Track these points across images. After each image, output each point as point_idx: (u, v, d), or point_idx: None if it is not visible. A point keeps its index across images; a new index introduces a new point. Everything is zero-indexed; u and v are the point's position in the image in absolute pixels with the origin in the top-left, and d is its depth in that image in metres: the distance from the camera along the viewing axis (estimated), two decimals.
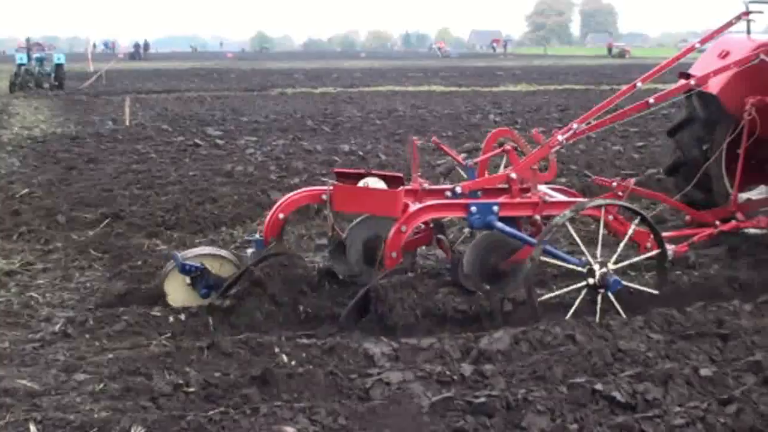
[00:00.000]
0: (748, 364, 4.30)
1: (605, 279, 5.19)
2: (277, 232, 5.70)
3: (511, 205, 5.63)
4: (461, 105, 22.06)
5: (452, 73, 43.19)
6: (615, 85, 31.45)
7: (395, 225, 5.30)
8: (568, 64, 58.02)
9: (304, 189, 6.09)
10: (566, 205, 5.64)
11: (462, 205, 5.52)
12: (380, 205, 5.50)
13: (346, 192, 5.57)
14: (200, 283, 5.54)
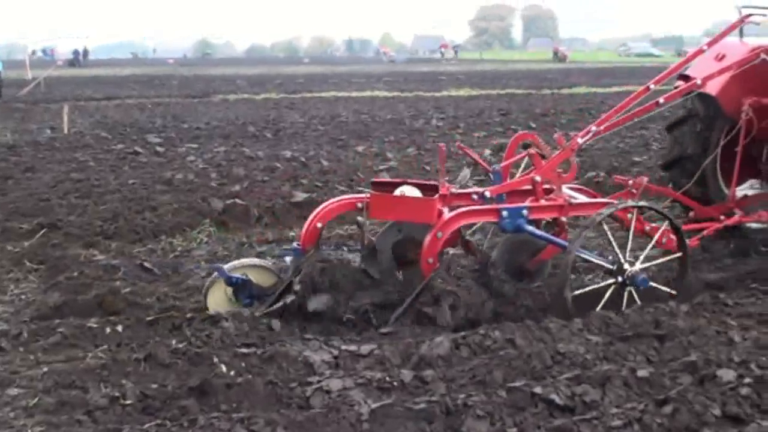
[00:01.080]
0: (684, 365, 4.35)
1: (634, 277, 5.46)
2: (314, 240, 5.80)
3: (538, 208, 5.81)
4: (404, 110, 22.11)
5: (396, 78, 43.26)
6: (556, 89, 31.88)
7: (431, 231, 5.44)
8: (511, 69, 58.50)
9: (340, 198, 6.14)
10: (591, 207, 5.91)
11: (494, 210, 5.68)
12: (416, 213, 5.63)
13: (383, 200, 5.71)
14: (243, 294, 5.67)
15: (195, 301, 6.06)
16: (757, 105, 6.96)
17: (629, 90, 31.90)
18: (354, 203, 5.91)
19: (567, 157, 6.18)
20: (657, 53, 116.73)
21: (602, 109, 21.93)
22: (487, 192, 5.94)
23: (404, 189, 5.80)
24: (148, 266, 7.03)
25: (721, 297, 5.60)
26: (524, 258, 6.03)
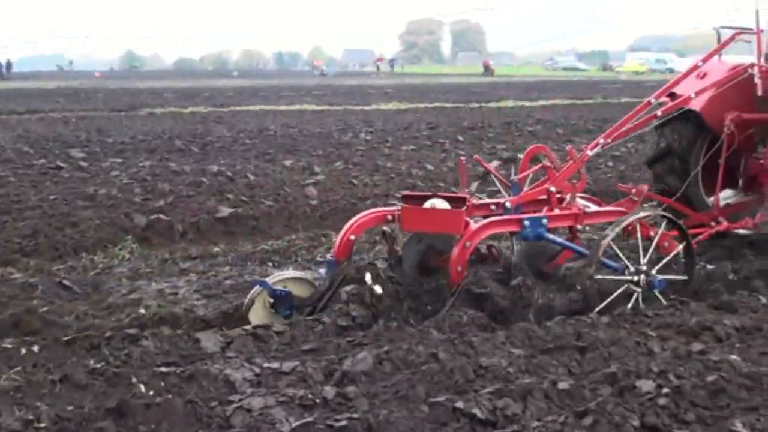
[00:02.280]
0: (604, 376, 4.39)
1: (651, 281, 5.88)
2: (348, 252, 6.04)
3: (556, 217, 6.18)
4: (332, 124, 22.06)
5: (325, 91, 43.21)
6: (484, 103, 32.17)
7: (460, 241, 5.74)
8: (439, 82, 58.91)
9: (372, 210, 6.40)
10: (604, 215, 6.43)
11: (517, 220, 6.02)
12: (445, 224, 5.93)
13: (414, 213, 5.97)
14: (284, 306, 5.83)
15: (115, 319, 5.96)
16: (738, 120, 7.44)
17: (556, 103, 32.62)
18: (385, 216, 6.18)
19: (578, 168, 6.65)
20: (583, 67, 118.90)
21: (528, 122, 22.23)
22: (508, 203, 6.39)
23: (434, 201, 6.03)
24: (68, 284, 6.90)
25: (642, 308, 5.68)
26: (542, 262, 6.37)
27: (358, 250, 7.26)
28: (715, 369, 4.49)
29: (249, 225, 9.42)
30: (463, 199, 6.17)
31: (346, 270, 5.88)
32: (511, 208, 6.37)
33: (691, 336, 5.15)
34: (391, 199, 10.51)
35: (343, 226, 9.21)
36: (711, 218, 7.65)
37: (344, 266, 5.93)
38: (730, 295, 6.07)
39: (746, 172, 8.02)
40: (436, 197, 6.10)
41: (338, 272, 5.89)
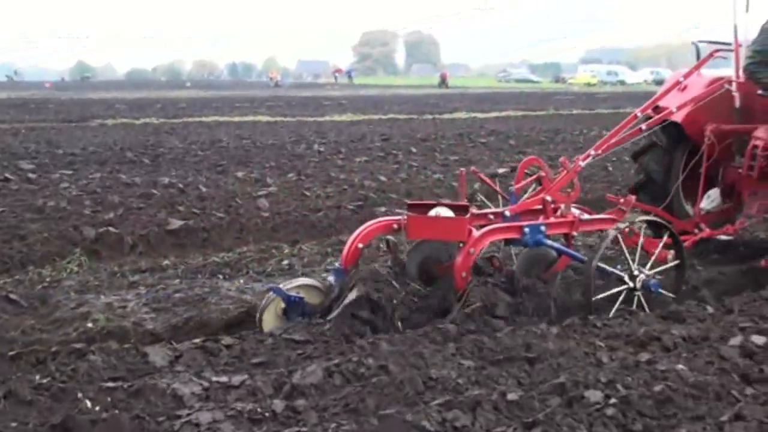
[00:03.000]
0: (553, 387, 4.41)
1: (646, 283, 6.24)
2: (355, 260, 6.17)
3: (553, 224, 6.52)
4: (286, 135, 21.99)
5: (279, 102, 43.10)
6: (437, 115, 32.31)
7: (464, 248, 5.94)
8: (394, 94, 59.09)
9: (378, 220, 6.56)
10: (597, 222, 6.83)
11: (517, 228, 6.29)
12: (449, 231, 6.13)
13: (419, 221, 6.14)
14: (296, 312, 5.87)
15: (62, 333, 5.87)
16: (717, 131, 7.88)
17: (509, 115, 32.87)
18: (391, 224, 6.35)
19: (571, 179, 6.88)
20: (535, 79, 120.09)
21: (481, 133, 22.35)
22: (507, 211, 6.57)
23: (439, 210, 6.21)
24: (14, 298, 6.76)
25: (591, 318, 5.72)
26: (540, 270, 6.57)
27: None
28: (662, 379, 4.54)
29: (200, 237, 9.35)
30: (466, 208, 6.35)
31: (354, 278, 5.99)
32: (511, 216, 6.57)
33: (639, 346, 5.19)
34: (343, 211, 10.51)
35: (293, 238, 9.35)
36: (693, 225, 7.99)
37: (352, 274, 6.04)
38: (678, 305, 6.15)
39: (724, 181, 8.37)
40: (441, 206, 6.28)
41: (347, 280, 6.02)
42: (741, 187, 8.22)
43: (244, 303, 6.67)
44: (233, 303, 6.74)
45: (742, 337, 5.26)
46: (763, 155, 7.71)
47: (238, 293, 7.10)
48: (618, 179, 13.79)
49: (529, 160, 7.39)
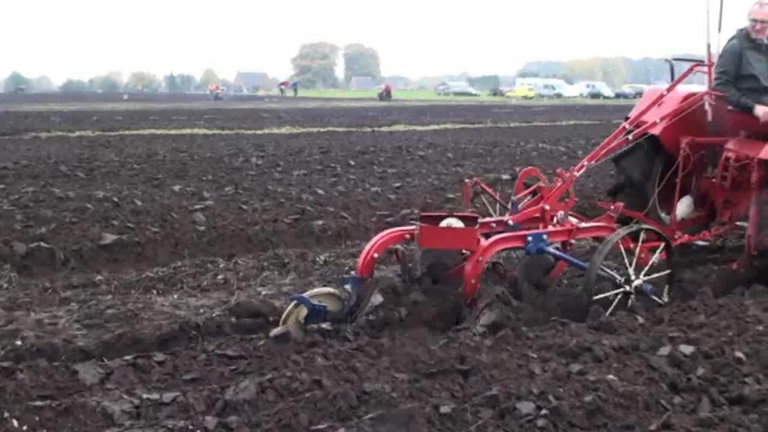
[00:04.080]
0: (485, 399, 4.44)
1: (641, 287, 6.67)
2: (371, 269, 6.46)
3: (554, 232, 6.95)
4: (224, 148, 21.80)
5: (217, 115, 42.80)
6: (376, 127, 32.37)
7: (473, 256, 6.31)
8: (333, 106, 59.10)
9: (391, 230, 6.81)
10: (594, 230, 7.27)
11: (522, 236, 6.69)
12: (460, 241, 6.48)
13: (431, 231, 6.42)
14: (317, 320, 6.04)
15: None
16: (692, 143, 8.49)
17: (447, 128, 33.05)
18: (403, 235, 6.66)
19: (567, 188, 7.40)
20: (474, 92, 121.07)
21: (419, 146, 22.43)
22: (510, 220, 7.01)
23: (450, 221, 6.49)
24: None
25: (524, 330, 5.77)
26: (540, 275, 6.94)
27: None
28: (593, 389, 4.60)
29: (134, 252, 9.22)
30: (475, 218, 6.68)
31: (370, 285, 6.28)
32: (514, 225, 6.99)
33: (571, 357, 5.26)
34: (279, 224, 10.46)
35: (229, 251, 9.28)
36: (670, 232, 8.33)
37: (368, 282, 6.34)
38: (609, 316, 6.24)
39: (698, 191, 8.97)
40: (452, 216, 6.56)
41: (364, 288, 6.29)
42: (714, 195, 8.82)
43: (178, 318, 6.61)
44: (167, 318, 6.67)
45: (671, 347, 5.36)
46: (735, 166, 8.25)
47: (172, 308, 7.04)
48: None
49: (527, 171, 7.96)
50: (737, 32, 8.47)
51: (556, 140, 25.36)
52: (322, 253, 9.24)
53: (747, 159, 8.09)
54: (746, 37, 8.34)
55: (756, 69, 8.26)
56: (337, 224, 10.67)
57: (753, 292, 6.99)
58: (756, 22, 8.27)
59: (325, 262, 8.88)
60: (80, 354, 5.78)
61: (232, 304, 6.89)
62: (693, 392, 4.71)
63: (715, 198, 8.84)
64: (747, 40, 8.33)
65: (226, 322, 6.44)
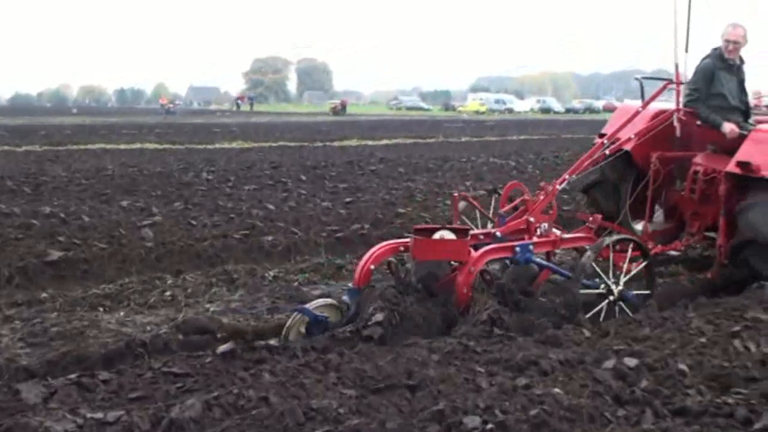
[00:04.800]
0: (432, 414, 4.45)
1: (623, 294, 7.09)
2: (367, 280, 6.72)
3: (539, 243, 7.29)
4: (174, 163, 21.61)
5: (168, 129, 42.46)
6: (328, 142, 32.37)
7: (465, 267, 6.62)
8: (285, 121, 58.98)
9: (386, 243, 7.08)
10: (576, 240, 7.65)
11: (511, 247, 6.97)
12: (452, 252, 6.79)
13: (425, 243, 6.69)
14: (318, 330, 6.28)
15: None
16: (662, 158, 8.96)
17: (399, 142, 33.13)
18: (398, 247, 6.95)
19: (550, 201, 7.78)
20: (426, 107, 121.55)
21: (371, 161, 22.47)
22: (498, 232, 7.38)
23: (443, 233, 6.78)
24: None
25: (471, 345, 5.80)
26: (526, 283, 7.16)
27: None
28: (539, 403, 4.63)
29: (80, 269, 9.08)
30: (467, 230, 7.01)
31: (367, 296, 6.49)
32: (501, 237, 7.32)
33: (518, 371, 5.30)
34: (228, 240, 10.40)
35: (178, 268, 9.20)
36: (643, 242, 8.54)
37: (366, 293, 6.57)
38: (555, 329, 6.30)
39: (667, 203, 9.49)
40: (444, 229, 6.86)
41: (362, 299, 6.51)
42: (683, 208, 9.26)
43: (124, 336, 6.54)
44: (112, 336, 6.60)
45: (616, 360, 5.43)
46: (703, 179, 8.72)
47: (118, 326, 6.97)
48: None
49: (512, 185, 8.33)
50: (711, 51, 8.99)
51: (507, 155, 25.57)
52: (272, 269, 9.20)
53: (715, 172, 8.59)
54: (719, 57, 8.87)
55: (725, 88, 8.80)
56: (287, 239, 10.64)
57: (696, 305, 7.12)
58: (729, 43, 8.81)
59: (275, 277, 8.85)
60: (24, 373, 5.69)
61: (180, 321, 6.86)
62: (636, 404, 4.77)
63: (684, 210, 9.26)
64: (720, 60, 8.86)
65: (173, 340, 6.40)
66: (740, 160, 8.12)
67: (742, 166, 8.09)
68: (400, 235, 11.22)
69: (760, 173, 7.93)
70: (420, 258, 6.78)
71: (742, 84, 9.09)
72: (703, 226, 9.08)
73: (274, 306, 7.67)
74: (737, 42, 8.85)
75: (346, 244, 10.78)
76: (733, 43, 8.83)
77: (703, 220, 9.04)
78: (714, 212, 8.72)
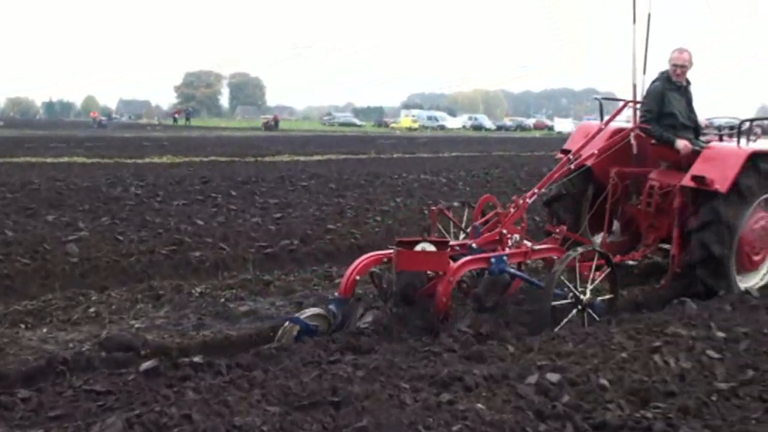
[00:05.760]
0: (356, 430, 4.47)
1: (591, 302, 7.43)
2: (352, 290, 7.08)
3: (513, 254, 7.67)
4: (102, 177, 21.23)
5: (97, 143, 41.77)
6: (260, 157, 32.19)
7: (445, 277, 6.97)
8: (217, 136, 58.54)
9: (371, 254, 7.39)
10: (547, 251, 8.07)
11: (486, 258, 7.36)
12: (432, 263, 7.16)
13: (407, 255, 7.07)
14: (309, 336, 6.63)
15: None
16: (620, 173, 9.49)
17: (331, 158, 33.11)
18: (381, 258, 7.31)
19: (521, 214, 8.21)
20: (359, 123, 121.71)
21: (302, 176, 22.39)
22: (474, 244, 7.74)
23: (424, 245, 7.13)
24: None
25: (396, 361, 5.82)
26: (499, 292, 7.59)
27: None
28: (462, 418, 4.68)
29: (2, 284, 8.86)
30: (446, 243, 7.39)
31: (353, 305, 7.02)
32: (477, 248, 7.69)
33: (442, 386, 5.34)
34: (155, 256, 10.29)
35: (103, 284, 9.06)
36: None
37: (352, 302, 7.04)
38: (480, 345, 6.36)
39: (624, 216, 9.91)
40: (425, 241, 7.20)
41: (348, 307, 6.98)
42: (639, 220, 9.79)
43: (46, 353, 6.41)
44: (33, 353, 6.46)
45: (539, 375, 5.51)
46: (659, 193, 9.32)
47: (39, 343, 6.83)
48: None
49: (485, 198, 8.64)
50: (659, 75, 9.58)
51: (438, 171, 25.71)
52: (199, 285, 9.10)
53: (669, 187, 9.20)
54: (667, 80, 9.45)
55: (675, 108, 9.35)
56: (215, 255, 10.56)
57: (619, 321, 7.26)
58: (676, 67, 9.42)
59: (201, 294, 8.76)
60: None
61: (103, 338, 6.76)
62: (558, 419, 4.85)
63: (640, 222, 9.81)
64: (668, 82, 9.44)
65: (96, 357, 6.30)
66: (695, 175, 8.65)
67: (697, 180, 8.62)
68: (328, 251, 11.32)
69: (714, 187, 8.48)
70: (403, 269, 7.11)
71: (691, 104, 9.62)
72: (658, 238, 9.66)
73: (200, 323, 7.61)
74: (684, 66, 9.44)
75: (275, 260, 10.73)
76: (680, 67, 9.42)
77: (658, 232, 9.61)
78: (668, 224, 9.28)
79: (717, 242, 8.51)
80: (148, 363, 5.71)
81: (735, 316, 7.55)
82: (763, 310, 7.76)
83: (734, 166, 8.53)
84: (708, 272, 8.60)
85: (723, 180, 8.46)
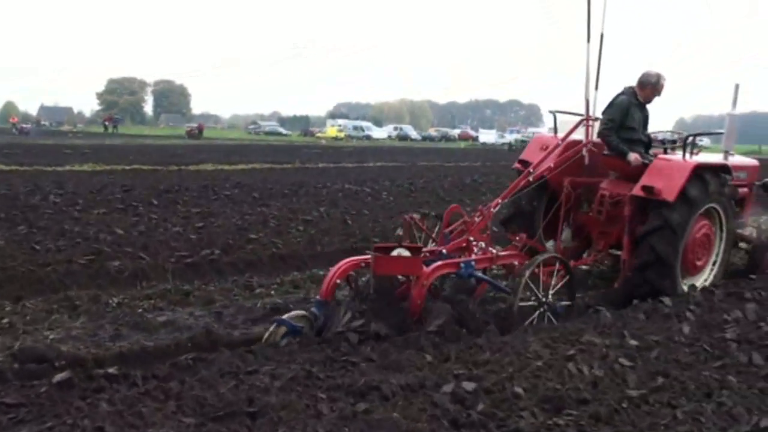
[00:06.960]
0: None
1: (553, 305, 8.01)
2: (333, 293, 7.50)
3: (480, 260, 8.22)
4: (20, 185, 20.76)
5: (15, 150, 40.87)
6: (183, 166, 31.86)
7: (419, 281, 7.38)
8: (141, 144, 57.78)
9: (350, 259, 7.81)
10: (510, 257, 8.74)
11: (456, 263, 7.86)
12: (407, 268, 7.53)
13: (384, 260, 7.43)
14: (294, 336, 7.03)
15: None
16: (573, 183, 10.08)
17: (255, 167, 32.92)
18: (359, 263, 7.72)
19: (486, 223, 8.78)
20: (284, 132, 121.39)
21: (226, 186, 22.23)
22: (444, 250, 8.21)
23: (400, 250, 7.53)
24: None
25: (314, 371, 5.84)
26: (466, 295, 8.01)
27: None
28: (378, 428, 4.73)
29: None
30: (420, 249, 7.84)
31: (334, 307, 7.37)
32: (447, 254, 8.14)
33: (359, 396, 5.38)
34: (73, 265, 10.11)
35: (18, 294, 8.86)
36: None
37: (332, 304, 7.41)
38: (398, 354, 6.41)
39: (575, 223, 10.49)
40: (401, 247, 7.60)
41: (329, 309, 7.34)
42: (590, 227, 10.45)
43: None
44: None
45: (455, 384, 5.59)
46: (609, 202, 9.92)
47: None
48: (355, 232, 14.13)
49: (452, 209, 9.07)
50: (625, 89, 10.22)
51: (363, 181, 25.77)
52: (117, 296, 8.99)
53: (619, 196, 9.81)
54: (633, 95, 10.11)
55: (636, 122, 10.01)
56: (134, 265, 10.41)
57: (536, 330, 7.38)
58: (656, 92, 10.13)
59: (119, 304, 8.65)
60: None
61: (16, 350, 6.63)
62: (472, 427, 4.93)
63: (591, 230, 10.47)
64: (633, 97, 10.10)
65: (8, 368, 6.18)
66: (645, 185, 9.26)
67: (647, 190, 9.23)
68: (249, 261, 11.27)
69: (662, 196, 9.10)
70: (379, 273, 7.44)
71: (647, 121, 10.32)
72: (609, 244, 10.27)
73: (116, 333, 7.51)
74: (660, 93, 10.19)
75: (195, 270, 10.61)
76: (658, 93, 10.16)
77: (609, 239, 10.23)
78: (618, 231, 9.90)
79: (665, 246, 9.09)
80: (62, 375, 5.60)
81: (648, 324, 7.75)
82: (675, 318, 7.98)
83: (681, 177, 9.18)
84: (656, 274, 9.16)
85: (671, 190, 9.10)
